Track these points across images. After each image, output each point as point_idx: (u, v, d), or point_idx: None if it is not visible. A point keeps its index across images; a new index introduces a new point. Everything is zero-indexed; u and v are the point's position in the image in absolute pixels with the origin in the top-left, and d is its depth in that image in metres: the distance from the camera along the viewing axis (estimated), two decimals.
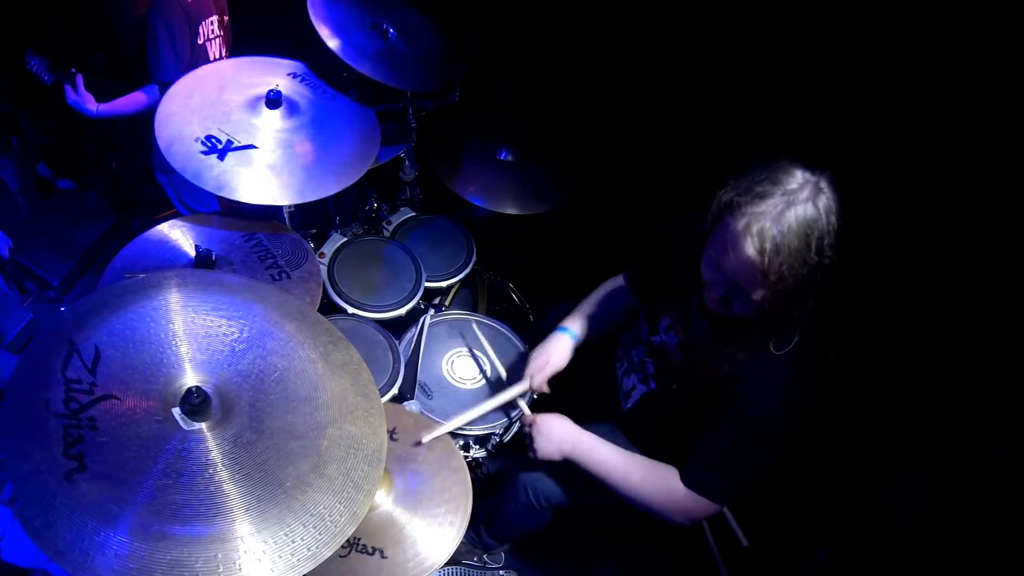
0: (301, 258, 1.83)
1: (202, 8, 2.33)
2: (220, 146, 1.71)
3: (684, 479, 1.47)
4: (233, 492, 1.03)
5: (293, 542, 1.02)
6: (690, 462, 1.49)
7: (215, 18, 2.38)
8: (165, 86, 2.19)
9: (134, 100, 2.31)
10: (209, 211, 2.60)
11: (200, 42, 2.34)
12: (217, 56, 2.42)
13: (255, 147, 1.74)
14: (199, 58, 2.35)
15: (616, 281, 1.90)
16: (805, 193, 1.18)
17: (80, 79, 2.31)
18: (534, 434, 1.63)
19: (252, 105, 1.82)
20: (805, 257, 1.18)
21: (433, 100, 2.36)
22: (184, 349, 1.19)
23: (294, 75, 1.99)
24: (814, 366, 1.40)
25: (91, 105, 2.32)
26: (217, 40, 2.41)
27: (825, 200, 1.19)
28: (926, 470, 1.65)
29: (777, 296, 1.23)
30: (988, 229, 1.59)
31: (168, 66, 2.23)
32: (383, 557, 1.38)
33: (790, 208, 1.17)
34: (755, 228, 1.18)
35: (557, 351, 1.78)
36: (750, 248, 1.18)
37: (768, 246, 1.17)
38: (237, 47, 2.52)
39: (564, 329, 1.81)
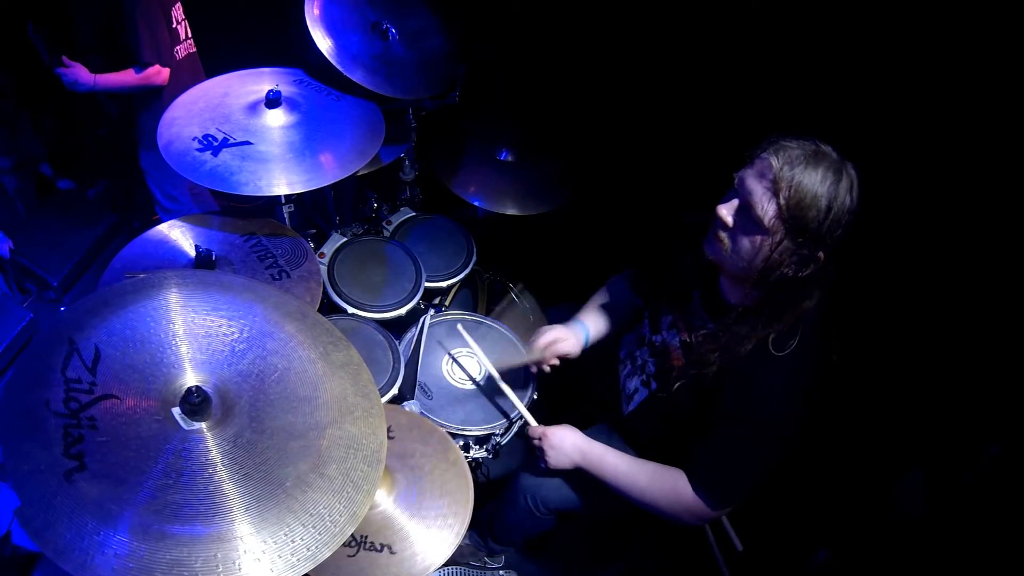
0: (301, 258, 1.83)
1: None
2: (216, 143, 1.74)
3: (692, 481, 1.49)
4: (233, 492, 1.03)
5: (293, 542, 1.02)
6: (696, 465, 1.50)
7: (179, 3, 2.56)
8: (144, 66, 2.43)
9: (126, 76, 2.43)
10: (181, 200, 2.75)
11: (173, 26, 2.52)
12: (185, 36, 2.61)
13: (251, 143, 1.76)
14: (174, 40, 2.54)
15: (619, 280, 1.90)
16: (836, 161, 1.26)
17: (65, 58, 2.39)
18: (545, 447, 1.68)
19: (252, 106, 1.85)
20: (814, 200, 1.23)
21: (433, 100, 2.36)
22: (184, 349, 1.19)
23: (299, 81, 2.01)
24: (816, 367, 1.41)
25: (86, 76, 2.40)
26: (184, 23, 2.59)
27: (849, 178, 1.25)
28: (925, 468, 1.65)
29: (780, 220, 1.27)
30: (990, 229, 1.59)
31: (145, 48, 2.39)
32: (392, 553, 1.38)
33: (821, 158, 1.25)
34: (784, 153, 1.27)
35: (570, 336, 1.79)
36: (773, 159, 1.26)
37: (787, 164, 1.25)
38: (237, 53, 2.55)
39: (581, 324, 1.82)
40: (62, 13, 2.64)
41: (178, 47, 2.58)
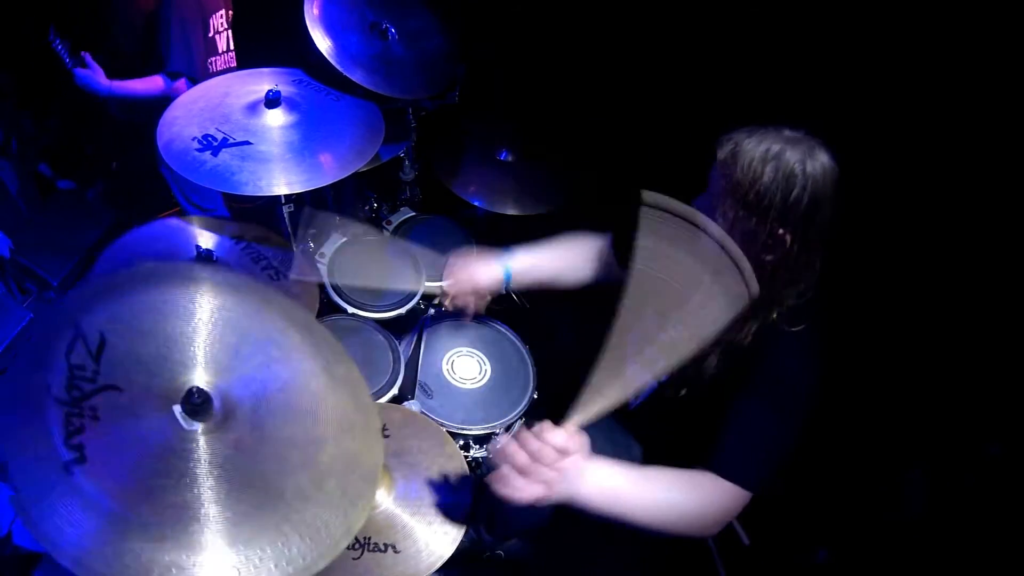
0: (299, 258, 1.84)
1: (213, 1, 2.37)
2: (215, 143, 1.74)
3: (722, 472, 1.31)
4: (231, 498, 1.03)
5: (288, 551, 1.01)
6: (723, 452, 1.33)
7: (223, 11, 2.41)
8: (174, 76, 2.27)
9: (151, 83, 2.29)
10: (212, 208, 2.64)
11: (210, 35, 2.37)
12: (224, 49, 2.45)
13: (250, 143, 1.76)
14: (209, 51, 2.38)
15: (591, 237, 1.87)
16: (789, 137, 1.27)
17: (87, 56, 2.28)
18: (559, 465, 1.16)
19: (252, 106, 1.85)
20: (754, 171, 1.25)
21: (433, 100, 2.36)
22: (190, 348, 1.17)
23: (299, 81, 2.01)
24: (824, 351, 1.39)
25: (103, 80, 2.28)
26: (225, 33, 2.44)
27: (801, 151, 1.25)
28: (925, 467, 1.65)
29: (726, 196, 1.30)
30: (990, 231, 1.59)
31: (177, 57, 2.25)
32: (396, 552, 1.38)
33: (767, 134, 1.28)
34: (731, 139, 1.32)
35: (483, 273, 1.76)
36: (719, 151, 1.32)
37: (731, 144, 1.30)
38: (238, 54, 2.53)
39: (503, 263, 1.79)
40: (94, 19, 2.49)
41: (214, 59, 2.39)
